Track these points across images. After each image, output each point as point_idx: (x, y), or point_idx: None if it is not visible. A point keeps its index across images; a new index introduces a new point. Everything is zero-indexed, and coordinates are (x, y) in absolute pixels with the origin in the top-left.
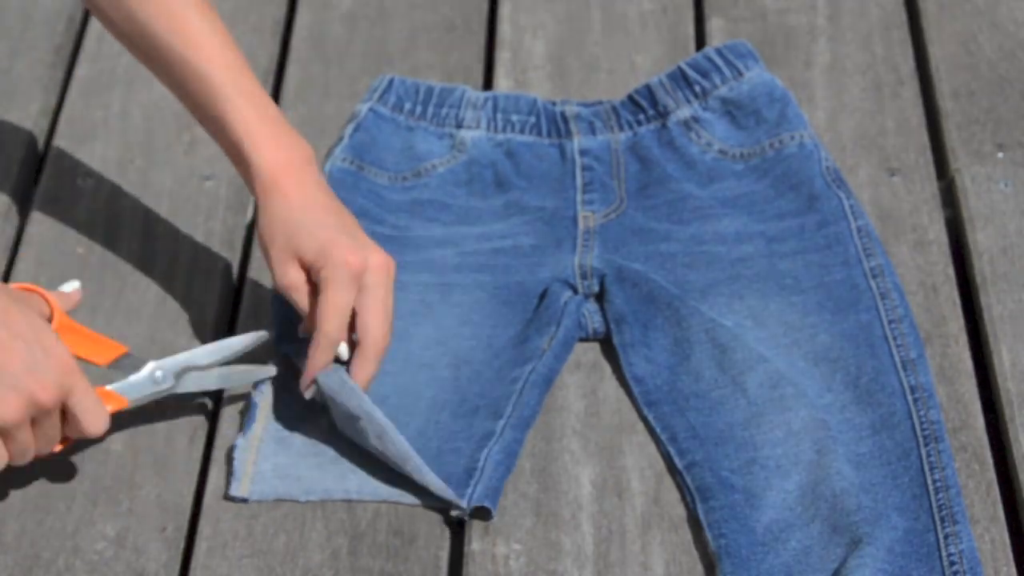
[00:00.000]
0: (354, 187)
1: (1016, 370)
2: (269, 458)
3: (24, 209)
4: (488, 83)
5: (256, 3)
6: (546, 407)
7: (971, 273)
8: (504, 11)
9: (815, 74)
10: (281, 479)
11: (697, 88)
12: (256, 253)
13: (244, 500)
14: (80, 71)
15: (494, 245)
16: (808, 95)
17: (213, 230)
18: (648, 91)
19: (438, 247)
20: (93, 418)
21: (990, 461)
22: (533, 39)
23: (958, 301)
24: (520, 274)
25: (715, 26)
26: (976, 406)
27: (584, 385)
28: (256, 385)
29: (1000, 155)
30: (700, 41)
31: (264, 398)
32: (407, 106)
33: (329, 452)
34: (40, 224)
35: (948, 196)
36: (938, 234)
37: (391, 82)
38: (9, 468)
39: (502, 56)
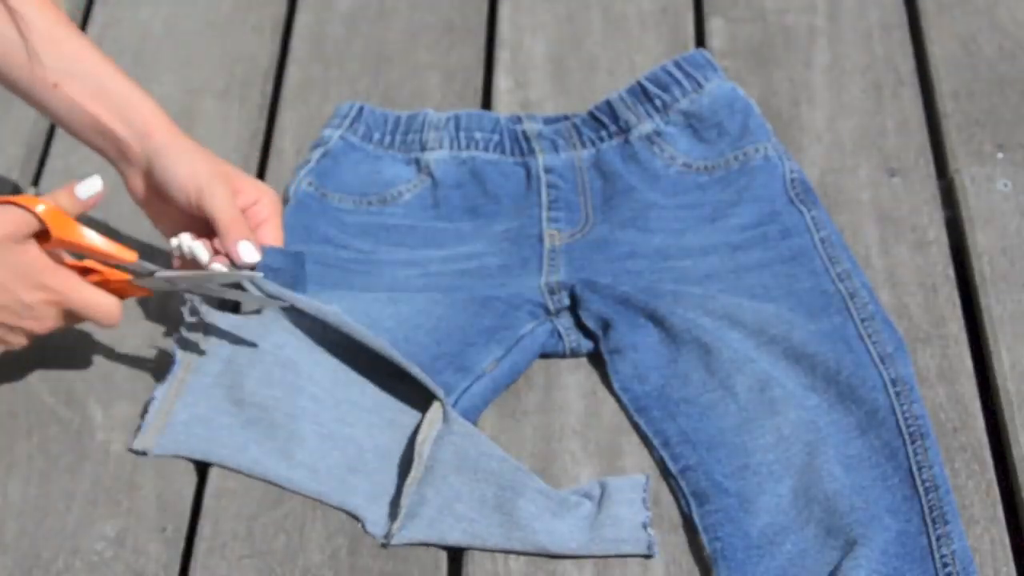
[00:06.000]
0: (320, 213)
1: (1016, 370)
2: (188, 407)
3: None
4: (488, 83)
5: (256, 3)
6: (546, 407)
7: (971, 273)
8: (504, 11)
9: (815, 74)
10: (190, 436)
11: (658, 102)
12: None
13: (144, 454)
14: None
15: (460, 267)
16: (808, 95)
17: None
18: (609, 107)
19: (403, 268)
20: (99, 310)
21: (990, 461)
22: (533, 39)
23: (958, 301)
24: (486, 291)
25: (715, 26)
26: (976, 406)
27: (584, 385)
28: (182, 337)
29: (1000, 155)
30: (700, 41)
31: (187, 354)
32: (376, 136)
33: (251, 413)
34: None
35: (948, 196)
36: (938, 234)
37: (361, 110)
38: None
39: (502, 56)
